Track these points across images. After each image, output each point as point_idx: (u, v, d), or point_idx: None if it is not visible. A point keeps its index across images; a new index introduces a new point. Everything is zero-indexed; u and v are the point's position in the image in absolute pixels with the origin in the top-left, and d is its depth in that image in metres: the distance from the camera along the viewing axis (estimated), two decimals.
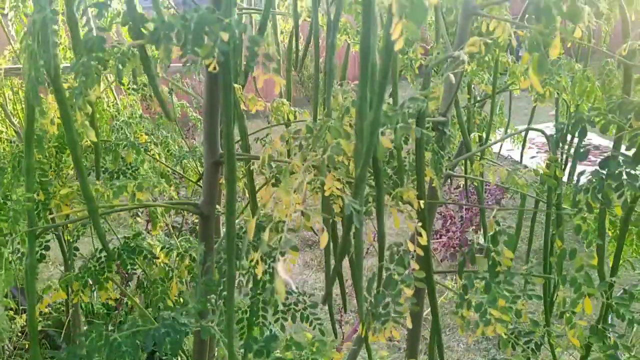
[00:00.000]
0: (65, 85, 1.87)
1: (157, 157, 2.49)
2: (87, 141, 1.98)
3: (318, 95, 1.36)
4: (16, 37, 2.00)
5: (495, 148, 3.39)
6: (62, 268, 2.55)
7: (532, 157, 6.45)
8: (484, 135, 2.27)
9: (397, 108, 1.10)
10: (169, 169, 2.20)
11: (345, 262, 1.24)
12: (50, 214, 1.43)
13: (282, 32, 2.23)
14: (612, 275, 1.42)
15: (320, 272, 4.84)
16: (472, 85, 2.35)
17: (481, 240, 4.75)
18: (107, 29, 0.96)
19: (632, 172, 1.02)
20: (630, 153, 1.12)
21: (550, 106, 2.28)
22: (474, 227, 4.49)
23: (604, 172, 1.04)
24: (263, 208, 0.96)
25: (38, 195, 1.28)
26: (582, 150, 1.09)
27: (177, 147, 3.05)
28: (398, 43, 0.73)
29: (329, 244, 1.47)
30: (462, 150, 2.10)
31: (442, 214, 4.52)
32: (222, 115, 1.08)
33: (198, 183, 2.34)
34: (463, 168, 2.19)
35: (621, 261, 1.59)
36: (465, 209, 4.47)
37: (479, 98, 2.39)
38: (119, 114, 2.77)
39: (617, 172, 1.01)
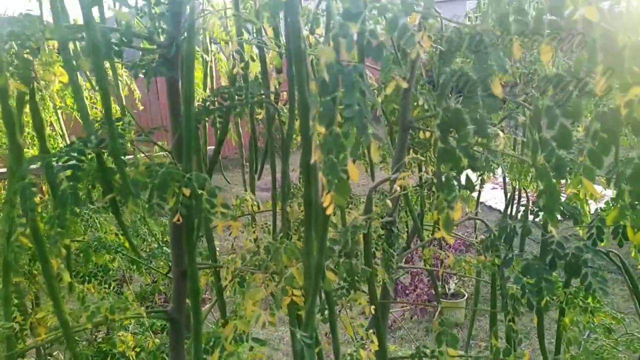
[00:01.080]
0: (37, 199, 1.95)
1: (126, 244, 2.57)
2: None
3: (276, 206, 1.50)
4: None
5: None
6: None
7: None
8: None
9: (342, 230, 1.24)
10: (139, 261, 2.28)
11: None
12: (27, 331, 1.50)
13: None
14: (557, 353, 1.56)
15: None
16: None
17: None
18: (82, 186, 1.07)
19: (549, 277, 1.17)
20: None
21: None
22: (441, 281, 4.63)
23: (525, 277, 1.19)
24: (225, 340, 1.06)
25: (15, 319, 1.36)
26: (508, 258, 1.24)
27: (146, 229, 3.13)
28: (329, 209, 0.87)
29: None
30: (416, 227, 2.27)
31: (410, 272, 4.65)
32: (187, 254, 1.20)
33: (168, 274, 2.42)
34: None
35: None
36: (433, 264, 4.61)
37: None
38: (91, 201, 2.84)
39: (536, 279, 1.16)
